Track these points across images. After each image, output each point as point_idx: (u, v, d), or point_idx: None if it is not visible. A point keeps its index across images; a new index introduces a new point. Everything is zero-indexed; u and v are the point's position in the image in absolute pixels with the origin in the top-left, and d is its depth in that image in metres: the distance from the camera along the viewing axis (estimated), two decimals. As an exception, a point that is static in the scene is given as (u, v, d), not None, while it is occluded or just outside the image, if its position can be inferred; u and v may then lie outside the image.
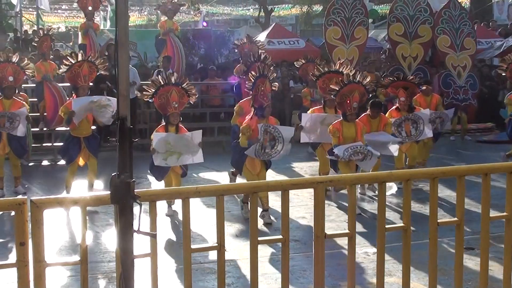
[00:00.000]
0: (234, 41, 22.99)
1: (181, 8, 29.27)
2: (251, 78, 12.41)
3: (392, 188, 13.78)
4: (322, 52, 27.08)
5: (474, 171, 7.56)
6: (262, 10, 44.63)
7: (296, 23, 54.59)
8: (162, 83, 12.44)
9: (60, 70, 15.00)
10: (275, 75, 13.46)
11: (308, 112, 14.79)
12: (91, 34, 21.41)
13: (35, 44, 20.53)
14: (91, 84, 14.84)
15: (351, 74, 13.05)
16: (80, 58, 13.94)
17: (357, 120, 13.14)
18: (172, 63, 21.63)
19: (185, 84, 12.69)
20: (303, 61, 18.16)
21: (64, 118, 13.90)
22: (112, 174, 4.88)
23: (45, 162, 19.24)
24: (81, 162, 13.96)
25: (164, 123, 12.72)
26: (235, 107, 15.05)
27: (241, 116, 13.90)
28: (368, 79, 13.22)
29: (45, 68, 18.95)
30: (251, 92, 12.61)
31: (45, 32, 21.00)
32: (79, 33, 22.87)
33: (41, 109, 19.52)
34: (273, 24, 33.80)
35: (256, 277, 6.01)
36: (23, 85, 18.33)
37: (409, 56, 22.40)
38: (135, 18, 52.08)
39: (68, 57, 14.52)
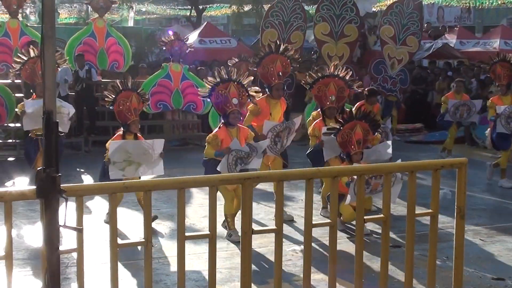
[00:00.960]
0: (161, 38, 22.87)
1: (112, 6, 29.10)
2: (207, 84, 11.64)
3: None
4: (254, 52, 27.17)
5: (400, 168, 7.69)
6: (193, 9, 44.57)
7: (228, 23, 54.60)
8: (121, 88, 11.82)
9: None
10: (252, 78, 12.34)
11: (312, 125, 13.28)
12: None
13: None
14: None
15: (353, 110, 12.37)
16: (32, 54, 13.46)
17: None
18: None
19: (140, 89, 12.18)
20: (236, 60, 18.05)
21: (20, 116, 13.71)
22: (38, 169, 4.89)
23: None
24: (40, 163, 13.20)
25: (122, 132, 12.02)
26: (249, 106, 13.01)
27: (257, 116, 12.88)
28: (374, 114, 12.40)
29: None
30: (208, 100, 12.15)
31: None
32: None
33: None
34: (205, 23, 33.79)
35: (183, 273, 6.03)
36: None
37: (335, 55, 22.37)
38: (65, 15, 51.48)
39: (19, 54, 14.21)
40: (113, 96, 11.76)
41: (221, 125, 11.63)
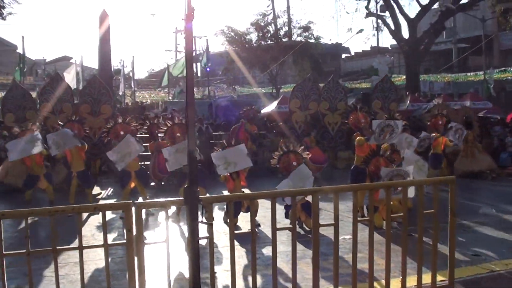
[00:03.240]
0: (257, 107, 23.01)
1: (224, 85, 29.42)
2: (275, 157, 11.50)
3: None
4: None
5: (412, 183, 7.52)
6: (274, 88, 44.90)
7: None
8: (227, 144, 11.87)
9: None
10: (302, 147, 11.92)
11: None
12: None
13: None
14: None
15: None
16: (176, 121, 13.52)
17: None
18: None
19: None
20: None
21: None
22: (185, 186, 4.94)
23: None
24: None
25: None
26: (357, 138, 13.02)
27: (361, 147, 12.69)
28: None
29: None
30: (277, 166, 11.62)
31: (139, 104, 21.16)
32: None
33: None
34: (281, 96, 33.84)
35: (276, 250, 5.95)
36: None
37: (332, 122, 22.07)
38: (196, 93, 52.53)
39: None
40: (221, 149, 11.70)
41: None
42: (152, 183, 16.84)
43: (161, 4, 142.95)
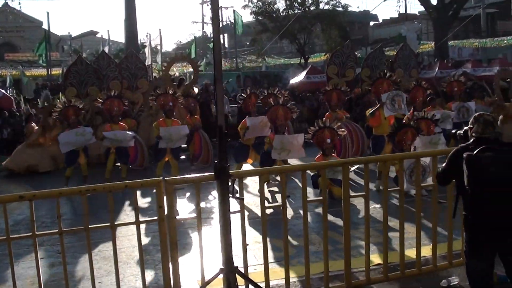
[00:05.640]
0: (285, 77, 22.66)
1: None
2: (310, 131, 11.28)
3: None
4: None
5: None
6: (302, 58, 44.58)
7: (324, 65, 54.26)
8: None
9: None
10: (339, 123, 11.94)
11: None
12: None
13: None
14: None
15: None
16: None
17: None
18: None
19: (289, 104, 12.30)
20: (328, 88, 17.27)
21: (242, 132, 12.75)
22: (215, 162, 4.94)
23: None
24: (250, 160, 13.14)
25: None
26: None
27: (374, 117, 12.34)
28: None
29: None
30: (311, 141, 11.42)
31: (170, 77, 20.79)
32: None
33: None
34: (309, 66, 33.55)
35: (307, 225, 5.94)
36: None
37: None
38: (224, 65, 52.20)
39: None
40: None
41: (320, 154, 11.17)
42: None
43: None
